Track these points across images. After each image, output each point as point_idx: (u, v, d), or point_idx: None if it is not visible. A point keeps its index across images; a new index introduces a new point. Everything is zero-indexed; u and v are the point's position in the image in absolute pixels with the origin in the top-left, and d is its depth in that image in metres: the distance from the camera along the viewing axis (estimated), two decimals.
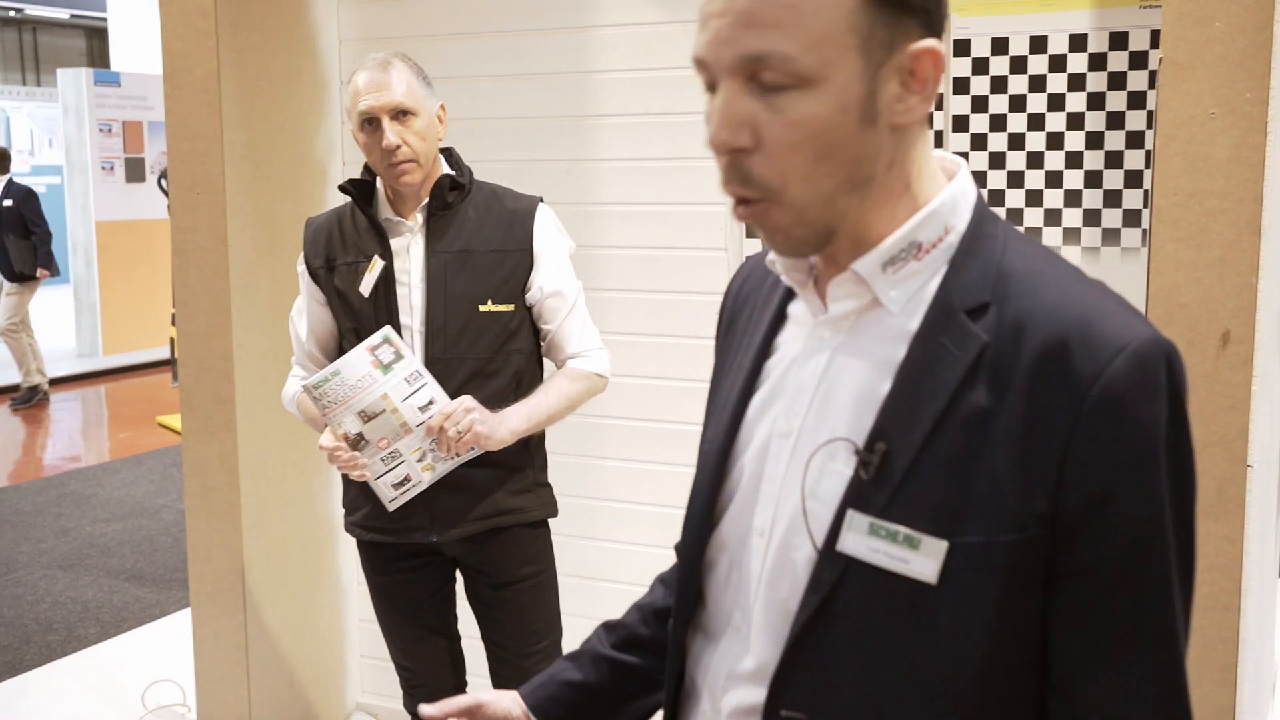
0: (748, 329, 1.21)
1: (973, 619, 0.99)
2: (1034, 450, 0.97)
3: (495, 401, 2.51)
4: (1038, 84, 2.90)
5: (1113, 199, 2.87)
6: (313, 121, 3.65)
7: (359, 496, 2.57)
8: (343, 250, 2.59)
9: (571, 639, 2.86)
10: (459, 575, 2.75)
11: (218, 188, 3.35)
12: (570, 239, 2.69)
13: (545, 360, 2.70)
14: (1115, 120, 2.83)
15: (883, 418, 1.02)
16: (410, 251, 2.55)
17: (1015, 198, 2.98)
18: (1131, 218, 2.86)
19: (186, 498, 3.54)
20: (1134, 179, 2.84)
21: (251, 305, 3.47)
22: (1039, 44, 2.89)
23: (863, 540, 1.01)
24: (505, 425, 2.47)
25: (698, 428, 3.57)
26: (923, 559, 0.99)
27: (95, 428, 9.45)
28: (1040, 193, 2.95)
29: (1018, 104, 2.93)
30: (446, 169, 2.59)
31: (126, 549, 5.91)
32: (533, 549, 2.65)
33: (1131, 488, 0.96)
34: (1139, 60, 2.78)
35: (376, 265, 2.53)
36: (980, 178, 3.00)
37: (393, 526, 2.57)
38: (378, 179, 2.60)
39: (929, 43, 1.00)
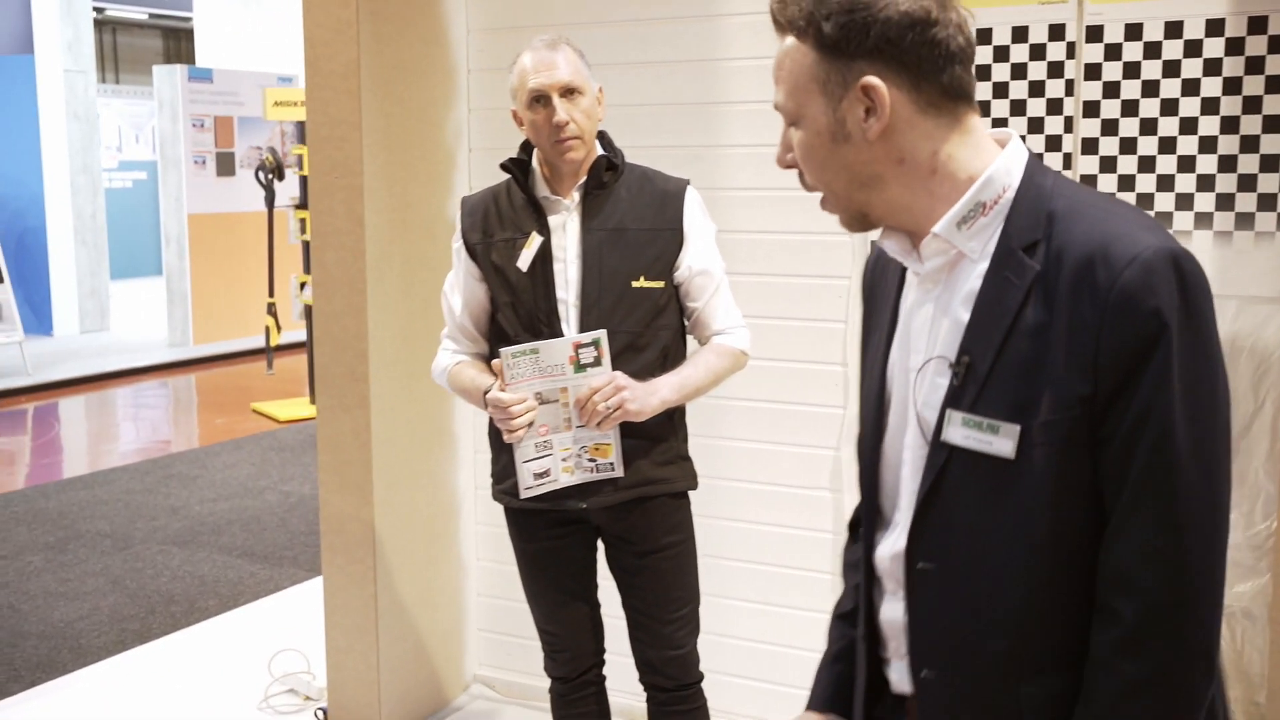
0: (884, 294, 1.53)
1: (1042, 483, 1.30)
2: (1076, 347, 1.27)
3: (643, 374, 2.59)
4: (1172, 69, 2.94)
5: (1247, 183, 2.90)
6: (442, 108, 3.76)
7: (510, 465, 2.66)
8: (500, 227, 2.68)
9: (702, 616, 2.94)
10: (600, 545, 2.84)
11: (356, 171, 3.47)
12: (713, 222, 2.77)
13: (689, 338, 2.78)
14: (1252, 104, 2.86)
15: (966, 337, 1.36)
16: (566, 228, 2.64)
17: (1146, 182, 3.01)
18: (1266, 202, 2.89)
19: (320, 471, 3.67)
20: (1270, 163, 2.87)
21: (384, 285, 3.58)
22: (1174, 29, 2.92)
23: (959, 431, 1.35)
24: (656, 396, 2.56)
25: (821, 409, 3.64)
26: (1002, 440, 1.31)
27: (192, 414, 9.70)
28: (1172, 177, 2.98)
29: (1150, 89, 2.97)
30: (600, 150, 2.68)
31: (236, 527, 6.09)
32: (675, 519, 2.73)
33: (1146, 366, 1.25)
34: (1278, 44, 2.81)
35: (535, 241, 2.62)
36: (1110, 162, 3.04)
37: (544, 495, 2.66)
38: (534, 159, 2.69)
39: (869, 79, 1.32)
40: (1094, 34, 3.03)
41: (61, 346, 11.84)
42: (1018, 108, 3.14)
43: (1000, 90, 3.15)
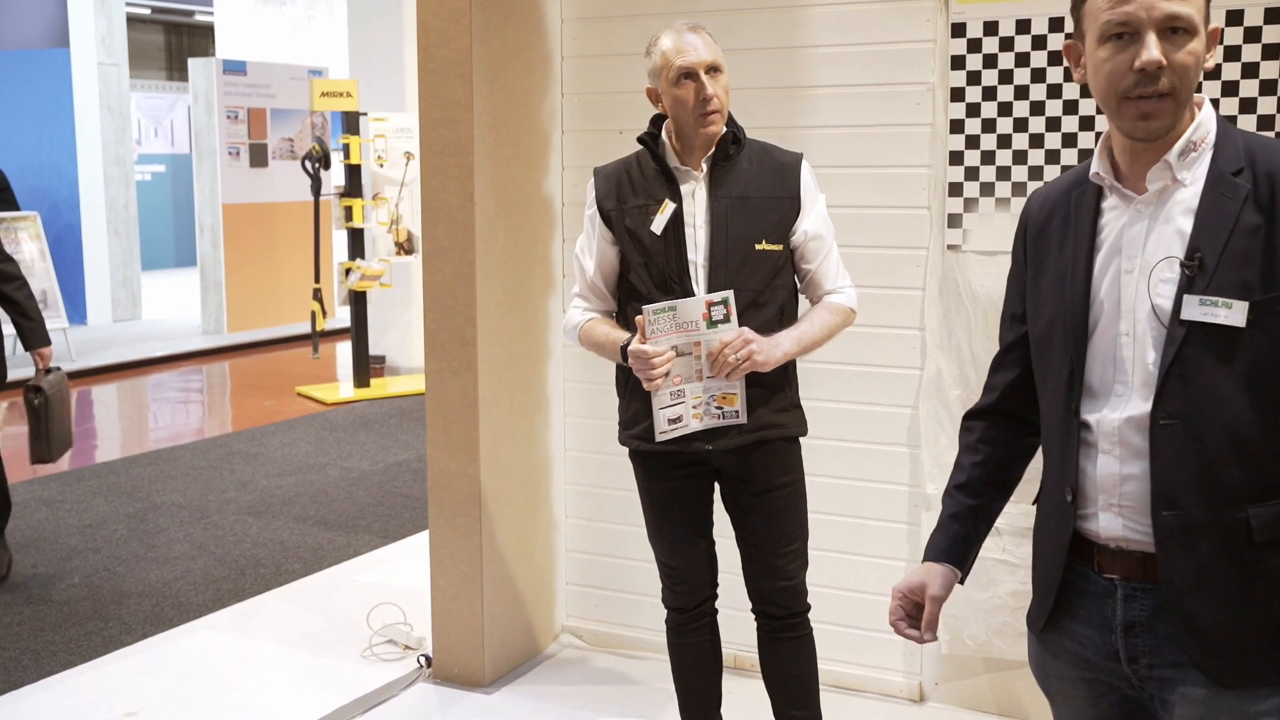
0: (1064, 227, 1.90)
1: (1272, 341, 1.70)
2: None
3: (764, 329, 2.87)
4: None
5: None
6: (539, 93, 4.03)
7: (641, 412, 2.93)
8: (633, 194, 2.96)
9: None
10: (716, 486, 3.11)
11: (467, 151, 3.74)
12: (824, 193, 3.05)
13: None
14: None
15: (1194, 239, 1.74)
16: (695, 196, 2.92)
17: None
18: None
19: (429, 431, 3.93)
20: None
21: (490, 257, 3.85)
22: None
23: (1196, 309, 1.72)
24: (780, 348, 2.84)
25: (900, 371, 3.89)
26: (1234, 313, 1.70)
27: (238, 396, 9.95)
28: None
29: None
30: (724, 128, 2.95)
31: (305, 499, 6.35)
32: (790, 460, 3.01)
33: None
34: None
35: (668, 207, 2.89)
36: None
37: (672, 439, 2.93)
38: (664, 132, 2.96)
39: (1218, 25, 1.80)
40: None
41: (97, 334, 12.10)
42: (1085, 89, 3.40)
43: (1038, 75, 3.42)
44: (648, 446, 2.96)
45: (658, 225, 2.90)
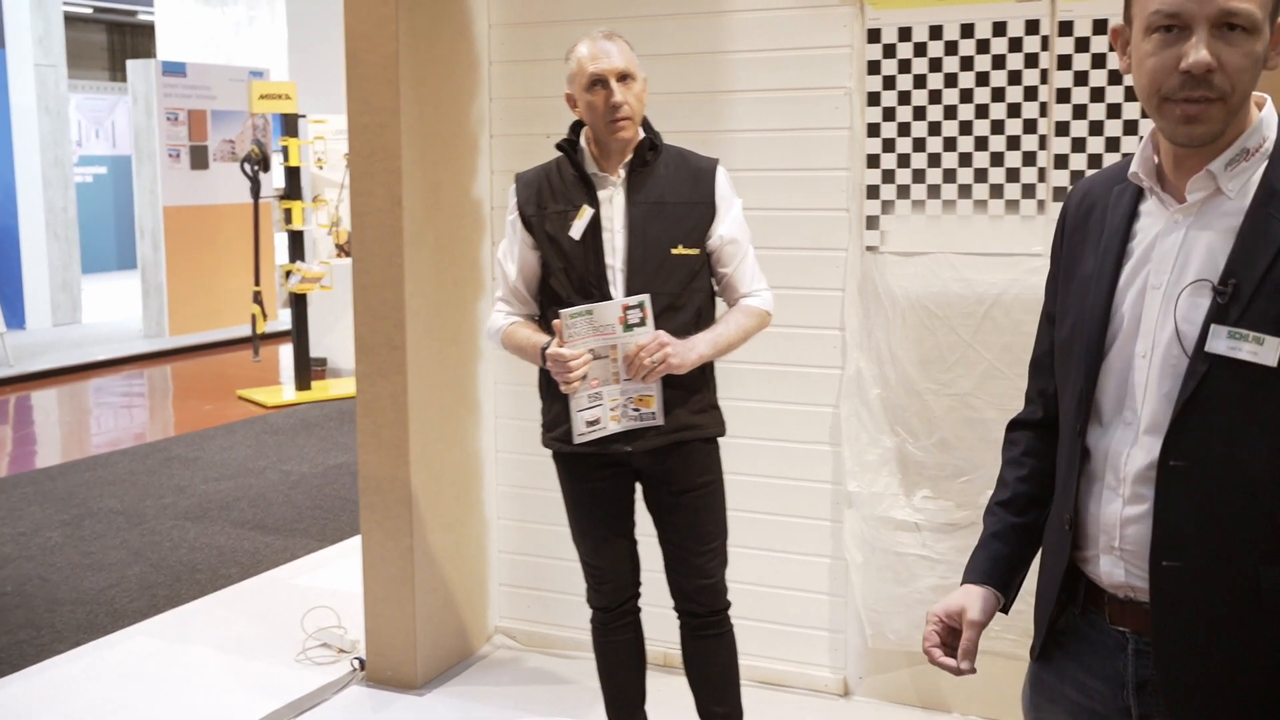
0: (1102, 225, 1.72)
1: None
2: None
3: (681, 332, 2.93)
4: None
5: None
6: (467, 98, 4.07)
7: (561, 414, 2.98)
8: (553, 200, 3.02)
9: None
10: (639, 486, 3.16)
11: (395, 155, 3.77)
12: (740, 197, 3.11)
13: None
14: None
15: (1231, 262, 1.54)
16: (614, 201, 2.99)
17: (1111, 160, 3.38)
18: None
19: (359, 434, 3.96)
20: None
21: (419, 261, 3.89)
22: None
23: (1223, 342, 1.53)
24: (695, 351, 2.90)
25: (822, 370, 3.96)
26: (1267, 351, 1.51)
27: (179, 400, 9.90)
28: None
29: (1115, 77, 3.35)
30: (642, 133, 3.01)
31: (244, 503, 6.35)
32: (707, 461, 3.07)
33: None
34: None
35: (586, 213, 2.95)
36: (1080, 144, 3.41)
37: (593, 440, 2.98)
38: (583, 139, 3.02)
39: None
40: (1065, 29, 3.40)
41: (37, 339, 11.98)
42: (998, 94, 3.49)
43: (983, 79, 3.50)
44: (569, 448, 3.01)
45: (576, 230, 2.95)
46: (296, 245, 8.97)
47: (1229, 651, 1.57)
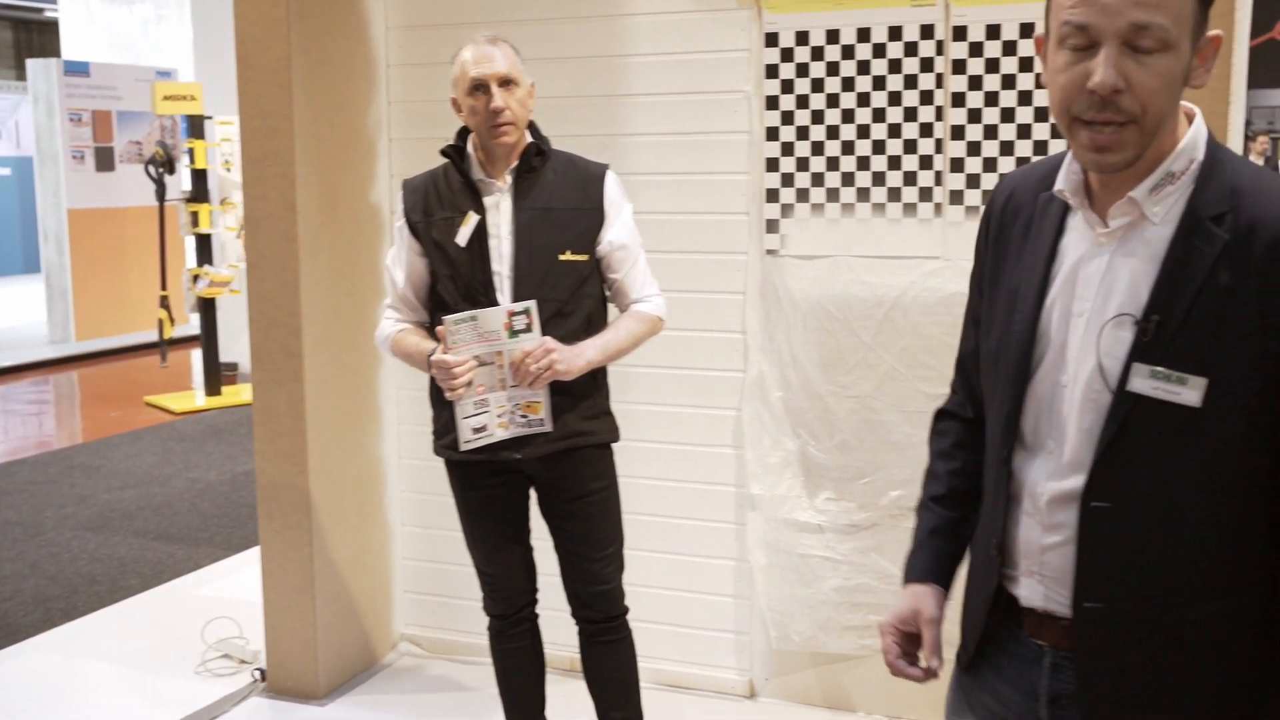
0: (1027, 236, 1.64)
1: (1227, 431, 1.44)
2: (1269, 311, 1.41)
3: (570, 338, 2.91)
4: (1026, 65, 3.36)
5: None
6: (364, 101, 4.02)
7: (451, 421, 2.94)
8: (440, 206, 2.98)
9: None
10: (534, 493, 3.14)
11: (288, 160, 3.71)
12: (630, 202, 3.09)
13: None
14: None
15: (1154, 296, 1.46)
16: (500, 207, 2.95)
17: (1007, 164, 3.42)
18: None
19: (256, 443, 3.89)
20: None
21: (315, 267, 3.83)
22: (1028, 30, 3.34)
23: (1145, 382, 1.46)
24: (582, 357, 2.88)
25: (723, 374, 3.97)
26: (1190, 391, 1.44)
27: (85, 407, 9.68)
28: (1029, 160, 3.41)
29: (1009, 82, 3.38)
30: (530, 138, 2.98)
31: (147, 512, 6.22)
32: (600, 467, 3.05)
33: None
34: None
35: (472, 219, 2.92)
36: (975, 147, 3.45)
37: (481, 447, 2.95)
38: (469, 145, 2.98)
39: (1218, 33, 1.47)
40: (959, 33, 3.43)
41: None
42: (894, 98, 3.52)
43: (879, 83, 3.52)
44: (459, 455, 2.97)
45: (462, 237, 2.92)
46: (204, 249, 8.81)
47: (1152, 690, 1.54)
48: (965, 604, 1.78)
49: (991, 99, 3.42)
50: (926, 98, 3.49)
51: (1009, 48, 3.38)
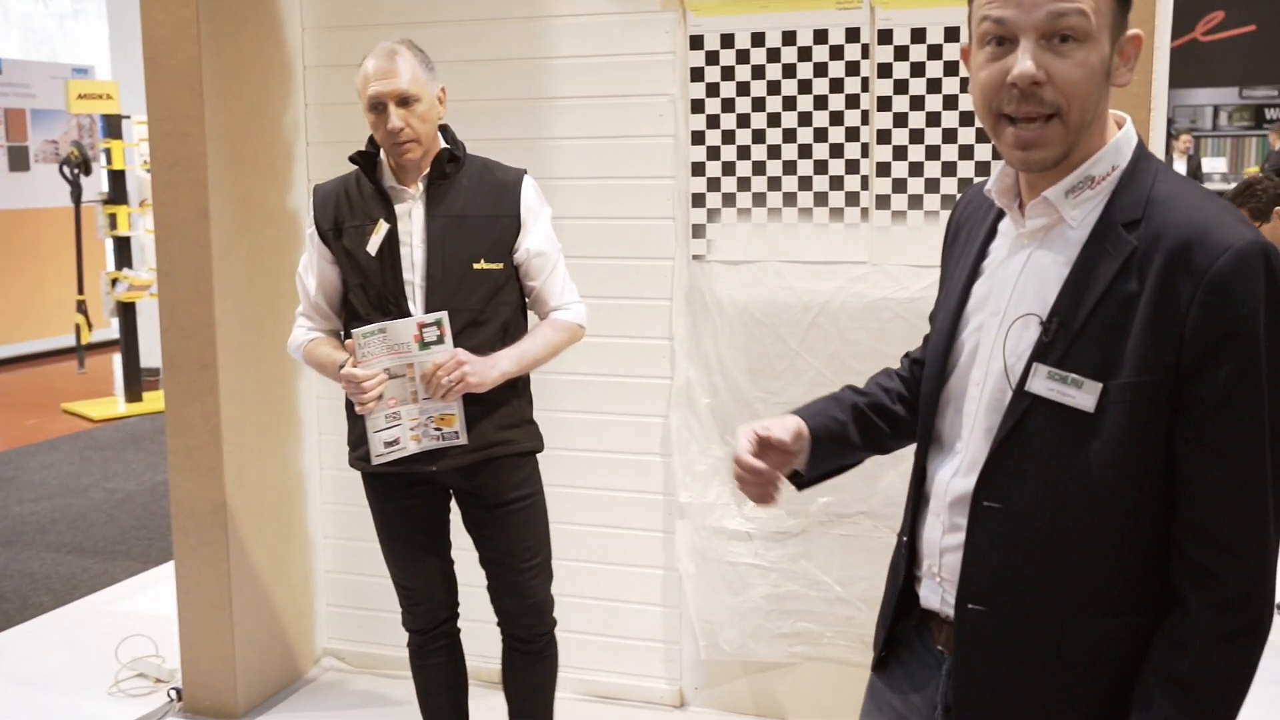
0: (968, 241, 1.67)
1: (1117, 438, 1.42)
2: (1165, 319, 1.39)
3: (485, 348, 2.85)
4: (952, 69, 3.34)
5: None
6: (280, 104, 3.91)
7: (364, 433, 2.87)
8: (350, 214, 2.90)
9: None
10: (456, 505, 3.06)
11: (200, 165, 3.59)
12: (549, 206, 3.03)
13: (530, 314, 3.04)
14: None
15: (1059, 299, 1.47)
16: (412, 216, 2.88)
17: (933, 169, 3.40)
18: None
19: (170, 456, 3.77)
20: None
21: (230, 275, 3.71)
22: (953, 34, 3.32)
23: (1043, 383, 1.46)
24: (496, 368, 2.82)
25: (651, 380, 3.93)
26: (1084, 395, 1.43)
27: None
28: (954, 164, 3.39)
29: (934, 86, 3.36)
30: (444, 143, 2.90)
31: (62, 525, 6.04)
32: (521, 476, 2.98)
33: (1232, 343, 1.37)
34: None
35: (382, 228, 2.85)
36: (902, 151, 3.42)
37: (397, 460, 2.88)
38: (381, 150, 2.90)
39: (1138, 31, 1.49)
40: (885, 37, 3.40)
41: None
42: (820, 102, 3.48)
43: (805, 86, 3.48)
44: (372, 468, 2.90)
45: (372, 246, 2.85)
46: (123, 251, 8.60)
47: (1025, 701, 1.52)
48: (883, 601, 1.77)
49: (918, 103, 3.40)
50: (853, 101, 3.45)
51: (934, 51, 3.36)
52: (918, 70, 3.39)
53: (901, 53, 3.40)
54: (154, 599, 4.93)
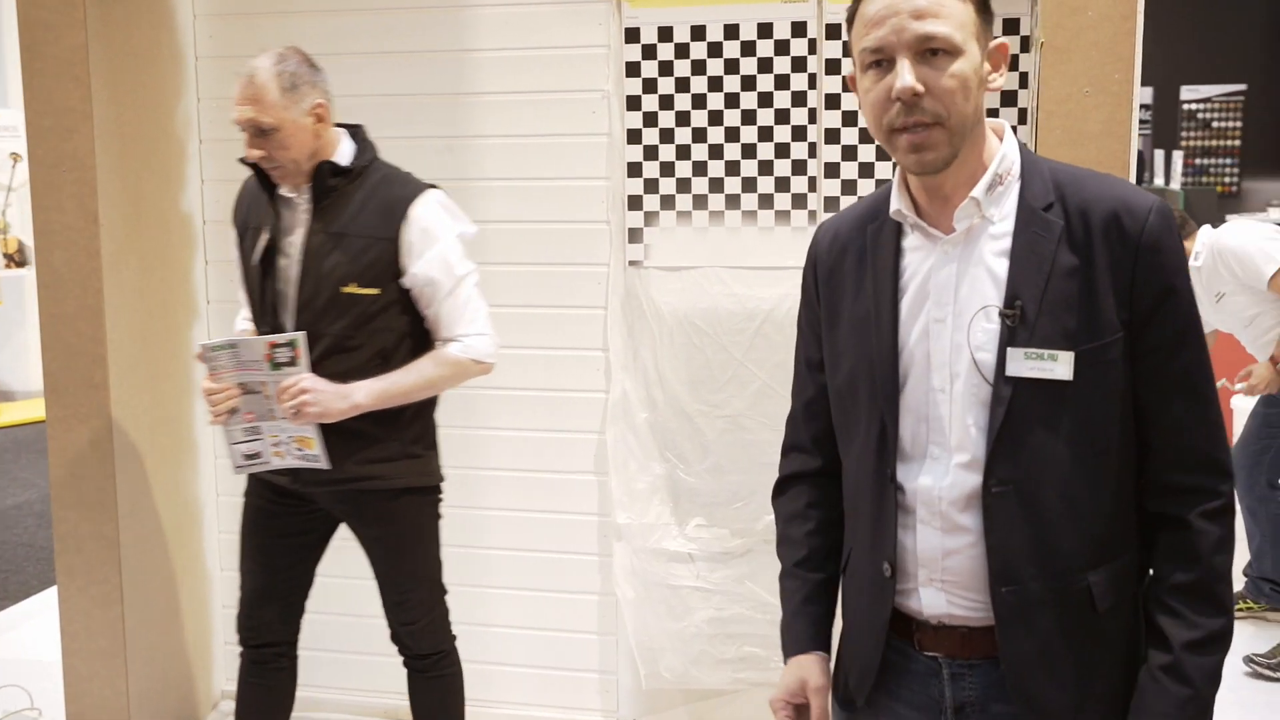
0: (861, 267, 1.72)
1: (1099, 397, 1.57)
2: (1115, 282, 1.55)
3: (354, 375, 2.65)
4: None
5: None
6: (172, 97, 3.57)
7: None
8: (251, 217, 2.77)
9: (462, 609, 3.04)
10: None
11: (87, 165, 3.24)
12: (465, 224, 2.78)
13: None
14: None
15: (1011, 285, 1.58)
16: (296, 228, 2.70)
17: (884, 170, 3.26)
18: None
19: (53, 487, 3.40)
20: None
21: (121, 286, 3.37)
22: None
23: (1022, 364, 1.56)
24: (347, 400, 2.62)
25: (584, 394, 3.73)
26: (1060, 366, 1.55)
27: None
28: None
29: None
30: (344, 148, 2.71)
31: None
32: (388, 512, 2.80)
33: (1174, 293, 1.56)
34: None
35: (263, 238, 2.70)
36: (851, 151, 3.28)
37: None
38: None
39: (1004, 41, 1.63)
40: (833, 31, 3.25)
41: None
42: (765, 99, 3.31)
43: (749, 83, 3.31)
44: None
45: (256, 255, 2.72)
46: None
47: (1074, 660, 1.61)
48: (848, 644, 1.80)
49: None
50: (799, 99, 3.29)
51: None
52: None
53: (850, 48, 3.24)
54: (21, 641, 4.50)
